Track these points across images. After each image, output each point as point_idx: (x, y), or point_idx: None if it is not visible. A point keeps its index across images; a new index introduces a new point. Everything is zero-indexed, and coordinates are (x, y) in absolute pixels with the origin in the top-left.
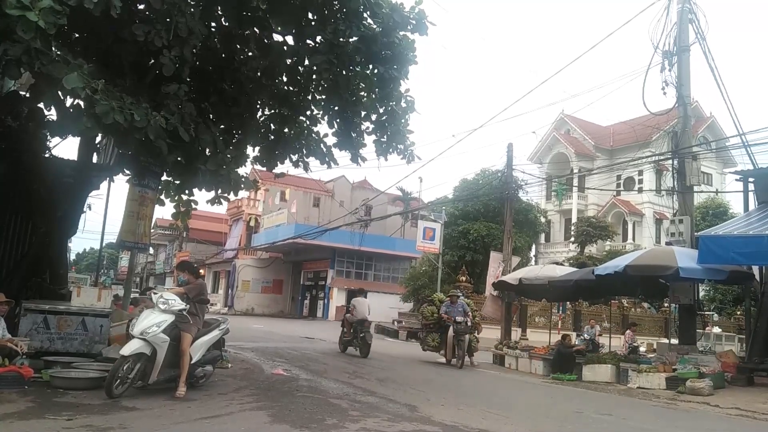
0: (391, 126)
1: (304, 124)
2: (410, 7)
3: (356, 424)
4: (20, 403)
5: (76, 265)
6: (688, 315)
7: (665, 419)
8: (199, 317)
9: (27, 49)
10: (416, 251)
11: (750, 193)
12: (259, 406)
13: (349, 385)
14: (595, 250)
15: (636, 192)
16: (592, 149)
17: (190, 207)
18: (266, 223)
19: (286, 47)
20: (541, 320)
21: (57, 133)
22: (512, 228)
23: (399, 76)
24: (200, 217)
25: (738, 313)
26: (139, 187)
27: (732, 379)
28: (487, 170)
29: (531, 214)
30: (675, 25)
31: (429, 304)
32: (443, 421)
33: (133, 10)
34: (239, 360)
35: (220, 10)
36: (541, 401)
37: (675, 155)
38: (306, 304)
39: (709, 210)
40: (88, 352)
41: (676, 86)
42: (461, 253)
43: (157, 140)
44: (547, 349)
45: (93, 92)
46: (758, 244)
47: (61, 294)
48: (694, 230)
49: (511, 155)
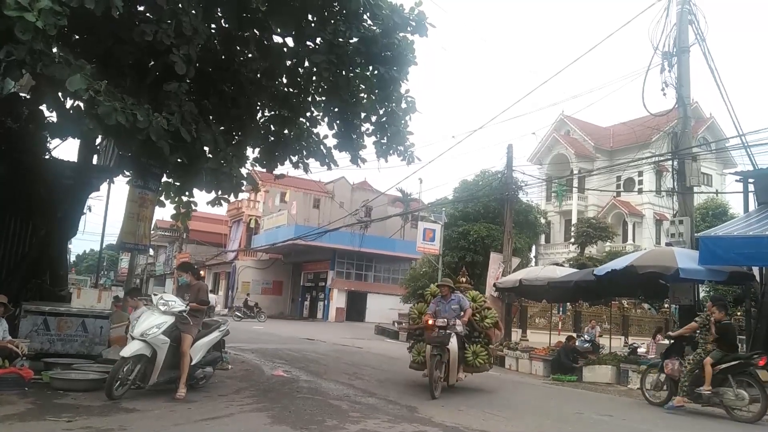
0: (391, 127)
1: (304, 126)
2: (410, 8)
3: (356, 426)
4: (20, 405)
5: (76, 267)
6: (689, 316)
7: (665, 420)
8: (200, 318)
9: (29, 50)
10: (416, 252)
11: (750, 194)
12: (260, 408)
13: (349, 387)
14: (595, 251)
15: (636, 193)
16: (592, 150)
17: (190, 208)
18: (266, 225)
19: (285, 49)
20: (541, 321)
21: (57, 135)
22: (512, 229)
23: (399, 77)
24: (200, 219)
25: (738, 314)
26: (139, 189)
27: None
28: (487, 171)
29: (531, 215)
30: (675, 26)
31: (419, 300)
32: (443, 422)
33: (134, 12)
34: (239, 361)
35: (220, 12)
36: (542, 402)
37: (675, 156)
38: (306, 305)
39: (709, 211)
40: (88, 354)
41: (676, 87)
42: (461, 254)
43: (159, 141)
44: (547, 350)
45: (96, 93)
46: (758, 245)
47: (61, 295)
48: (694, 231)
49: (510, 156)
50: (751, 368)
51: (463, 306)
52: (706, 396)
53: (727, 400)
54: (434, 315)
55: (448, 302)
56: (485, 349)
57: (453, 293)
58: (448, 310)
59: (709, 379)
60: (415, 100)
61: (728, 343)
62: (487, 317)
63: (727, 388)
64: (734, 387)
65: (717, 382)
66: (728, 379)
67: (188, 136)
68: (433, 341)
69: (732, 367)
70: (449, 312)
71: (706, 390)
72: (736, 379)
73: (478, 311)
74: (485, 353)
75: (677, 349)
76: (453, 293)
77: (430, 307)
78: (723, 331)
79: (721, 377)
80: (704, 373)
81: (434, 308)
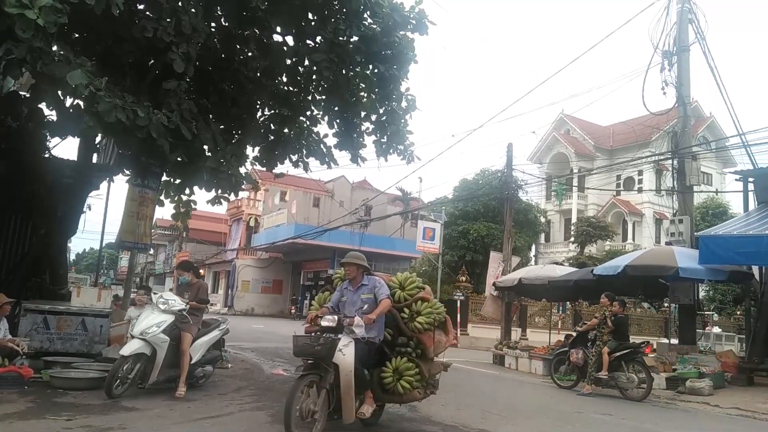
0: (391, 126)
1: (304, 125)
2: (410, 6)
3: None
4: (20, 404)
5: (75, 266)
6: (688, 315)
7: (665, 419)
8: (199, 317)
9: (30, 48)
10: (416, 251)
11: (750, 193)
12: (259, 407)
13: None
14: (594, 250)
15: (636, 192)
16: (592, 149)
17: (190, 207)
18: (266, 224)
19: (286, 47)
20: (541, 320)
21: (57, 134)
22: (512, 228)
23: (399, 76)
24: (200, 218)
25: (738, 313)
26: (139, 188)
27: (732, 379)
28: (486, 170)
29: (531, 214)
30: (675, 25)
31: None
32: (443, 421)
33: (134, 10)
34: (239, 360)
35: (220, 10)
36: (542, 401)
37: (675, 155)
38: (306, 304)
39: (709, 210)
40: (87, 353)
41: (676, 86)
42: (461, 253)
43: (160, 138)
44: (547, 349)
45: (96, 90)
46: (758, 244)
47: (61, 294)
48: (693, 230)
49: (510, 155)
50: (639, 355)
51: (378, 295)
52: (605, 380)
53: (620, 383)
54: (335, 309)
55: (357, 290)
56: (416, 365)
57: (367, 276)
58: (355, 302)
59: (606, 366)
60: (415, 98)
61: (622, 334)
62: (421, 313)
63: (620, 372)
64: (626, 371)
65: (613, 368)
66: (622, 365)
67: (188, 134)
68: (304, 352)
69: (625, 354)
70: (357, 304)
71: (604, 375)
72: (628, 365)
73: (406, 305)
74: (415, 372)
75: (581, 340)
76: (367, 276)
77: (334, 296)
78: (618, 323)
79: (616, 363)
80: (602, 360)
81: (338, 298)
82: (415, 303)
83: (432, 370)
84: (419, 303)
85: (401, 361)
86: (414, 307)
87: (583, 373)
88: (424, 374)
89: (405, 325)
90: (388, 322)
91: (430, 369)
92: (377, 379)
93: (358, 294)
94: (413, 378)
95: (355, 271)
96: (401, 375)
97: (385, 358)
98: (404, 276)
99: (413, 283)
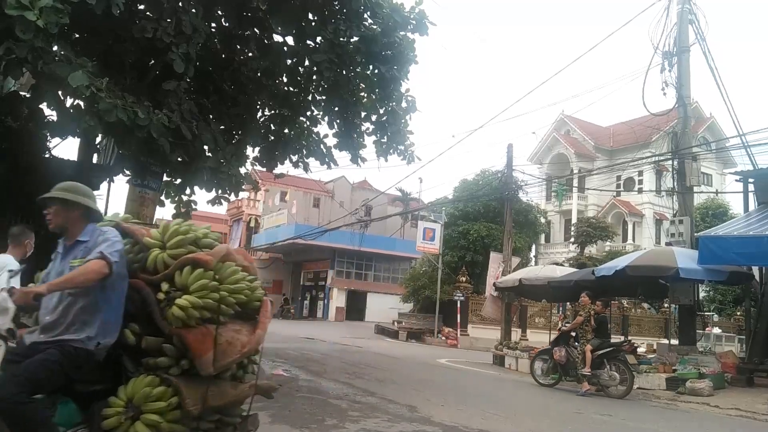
0: (391, 126)
1: (304, 125)
2: (410, 7)
3: (356, 425)
4: None
5: None
6: (688, 315)
7: (665, 420)
8: None
9: (30, 48)
10: (416, 252)
11: (750, 194)
12: (259, 407)
13: (348, 386)
14: (595, 250)
15: (636, 192)
16: (592, 150)
17: (190, 207)
18: (266, 224)
19: (286, 48)
20: (541, 321)
21: (57, 134)
22: (512, 228)
23: (399, 76)
24: (200, 218)
25: (738, 314)
26: (139, 188)
27: (732, 380)
28: (487, 171)
29: (531, 215)
30: (675, 26)
31: None
32: (443, 421)
33: (134, 10)
34: None
35: (220, 11)
36: (541, 401)
37: (675, 156)
38: (306, 304)
39: (709, 210)
40: None
41: (676, 87)
42: (461, 254)
43: (160, 138)
44: None
45: (97, 90)
46: (758, 245)
47: None
48: (694, 231)
49: (511, 156)
50: (622, 354)
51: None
52: (587, 377)
53: (602, 380)
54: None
55: (70, 251)
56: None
57: (91, 227)
58: (63, 272)
59: (589, 363)
60: (415, 99)
61: (603, 332)
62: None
63: (602, 370)
64: (608, 369)
65: (595, 366)
66: (604, 363)
67: (189, 133)
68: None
69: (607, 352)
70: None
71: (587, 372)
72: (610, 363)
73: (165, 277)
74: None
75: (564, 339)
76: (91, 227)
77: (48, 267)
78: (600, 322)
79: (599, 361)
80: (585, 357)
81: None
82: (180, 272)
83: (221, 396)
84: (187, 271)
85: (142, 383)
86: (178, 279)
87: (566, 372)
88: (192, 404)
89: (160, 312)
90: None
91: (215, 395)
92: (97, 421)
93: (69, 258)
94: (162, 415)
95: (60, 217)
96: (140, 411)
97: (123, 380)
98: (172, 225)
99: (183, 235)
